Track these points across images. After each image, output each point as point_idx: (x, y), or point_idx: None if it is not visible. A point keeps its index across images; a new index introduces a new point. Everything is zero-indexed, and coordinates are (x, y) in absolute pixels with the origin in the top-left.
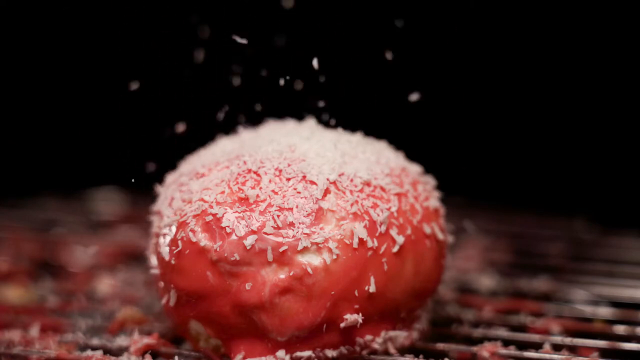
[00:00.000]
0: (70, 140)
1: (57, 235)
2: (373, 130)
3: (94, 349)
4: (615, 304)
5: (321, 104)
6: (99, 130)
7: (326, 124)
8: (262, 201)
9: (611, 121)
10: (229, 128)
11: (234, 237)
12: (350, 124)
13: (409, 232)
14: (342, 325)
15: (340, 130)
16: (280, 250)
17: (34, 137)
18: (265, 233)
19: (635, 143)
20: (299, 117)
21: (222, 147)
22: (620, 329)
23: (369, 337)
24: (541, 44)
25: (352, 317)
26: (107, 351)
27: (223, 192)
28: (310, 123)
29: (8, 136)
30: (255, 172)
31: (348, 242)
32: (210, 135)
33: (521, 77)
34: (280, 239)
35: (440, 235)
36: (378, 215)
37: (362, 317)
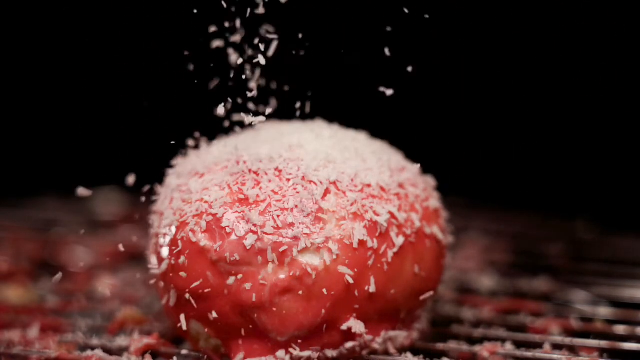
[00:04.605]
0: (71, 140)
1: (57, 235)
2: (373, 130)
3: (94, 349)
4: (615, 304)
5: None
6: (99, 130)
7: (326, 124)
8: (262, 201)
9: (611, 121)
10: (229, 128)
11: (234, 237)
12: (350, 124)
13: (409, 232)
14: (342, 327)
15: (340, 130)
16: (280, 250)
17: (34, 137)
18: (265, 233)
19: (635, 144)
20: (299, 117)
21: (222, 147)
22: (620, 329)
23: (369, 337)
24: (541, 44)
25: (357, 326)
26: (107, 351)
27: (223, 192)
28: (311, 123)
29: (8, 136)
30: (255, 172)
31: (348, 242)
32: (211, 135)
33: (522, 76)
34: (280, 239)
35: (440, 236)
36: (378, 215)
37: (365, 328)
